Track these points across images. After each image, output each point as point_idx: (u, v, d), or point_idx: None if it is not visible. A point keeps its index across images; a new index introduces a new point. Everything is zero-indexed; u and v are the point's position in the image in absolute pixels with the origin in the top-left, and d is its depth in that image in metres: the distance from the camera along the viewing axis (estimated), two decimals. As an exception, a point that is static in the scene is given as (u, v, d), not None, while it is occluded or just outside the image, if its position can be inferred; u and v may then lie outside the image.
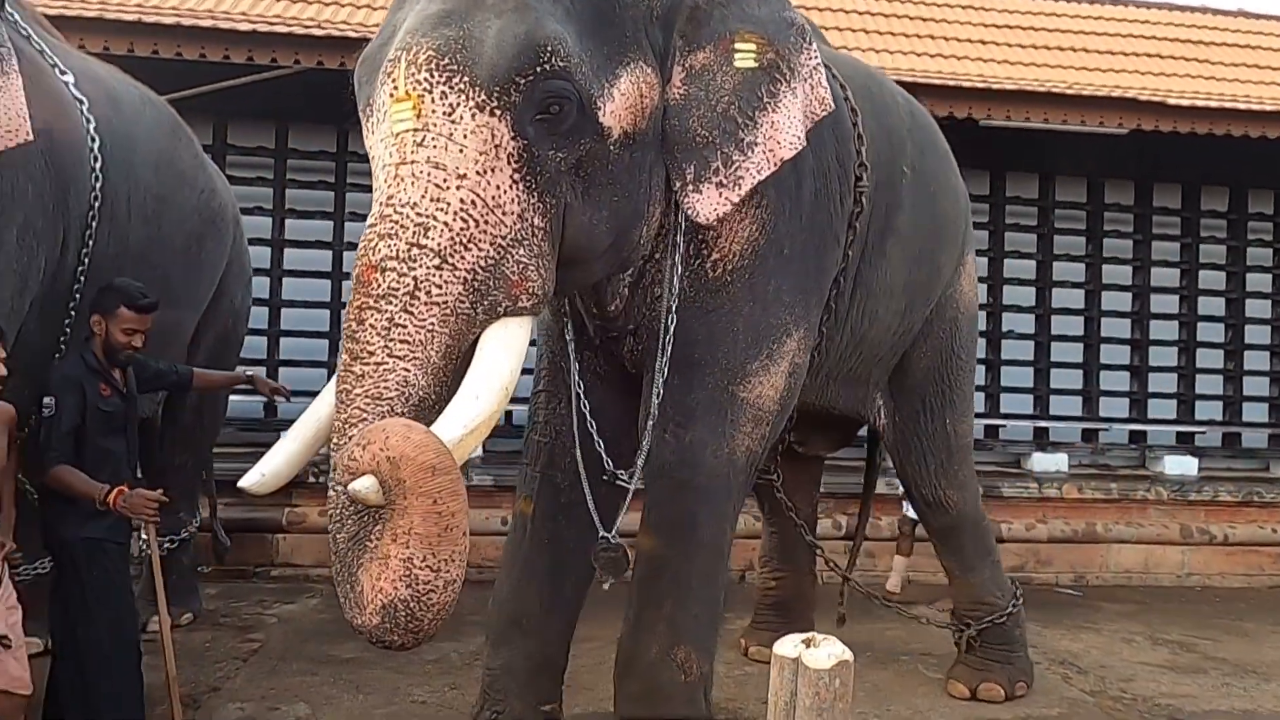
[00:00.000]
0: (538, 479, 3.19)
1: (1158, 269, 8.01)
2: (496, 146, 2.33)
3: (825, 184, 3.11)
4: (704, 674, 3.06)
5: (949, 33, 7.37)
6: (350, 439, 2.17)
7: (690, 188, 2.68)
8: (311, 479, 6.12)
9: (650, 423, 2.91)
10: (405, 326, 2.25)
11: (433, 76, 2.29)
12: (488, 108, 2.31)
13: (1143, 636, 5.62)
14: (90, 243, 3.36)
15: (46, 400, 3.08)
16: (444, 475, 2.07)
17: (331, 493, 2.24)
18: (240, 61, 5.69)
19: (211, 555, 5.53)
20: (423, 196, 2.28)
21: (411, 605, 2.10)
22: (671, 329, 2.87)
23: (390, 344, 2.24)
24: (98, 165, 3.36)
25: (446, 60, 2.29)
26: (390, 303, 2.24)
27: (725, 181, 2.68)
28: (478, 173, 2.31)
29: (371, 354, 2.24)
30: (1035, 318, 7.87)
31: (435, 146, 2.29)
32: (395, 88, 2.32)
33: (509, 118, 2.33)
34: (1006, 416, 7.73)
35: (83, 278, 3.36)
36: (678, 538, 2.98)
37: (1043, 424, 7.75)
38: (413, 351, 2.25)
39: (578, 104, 2.40)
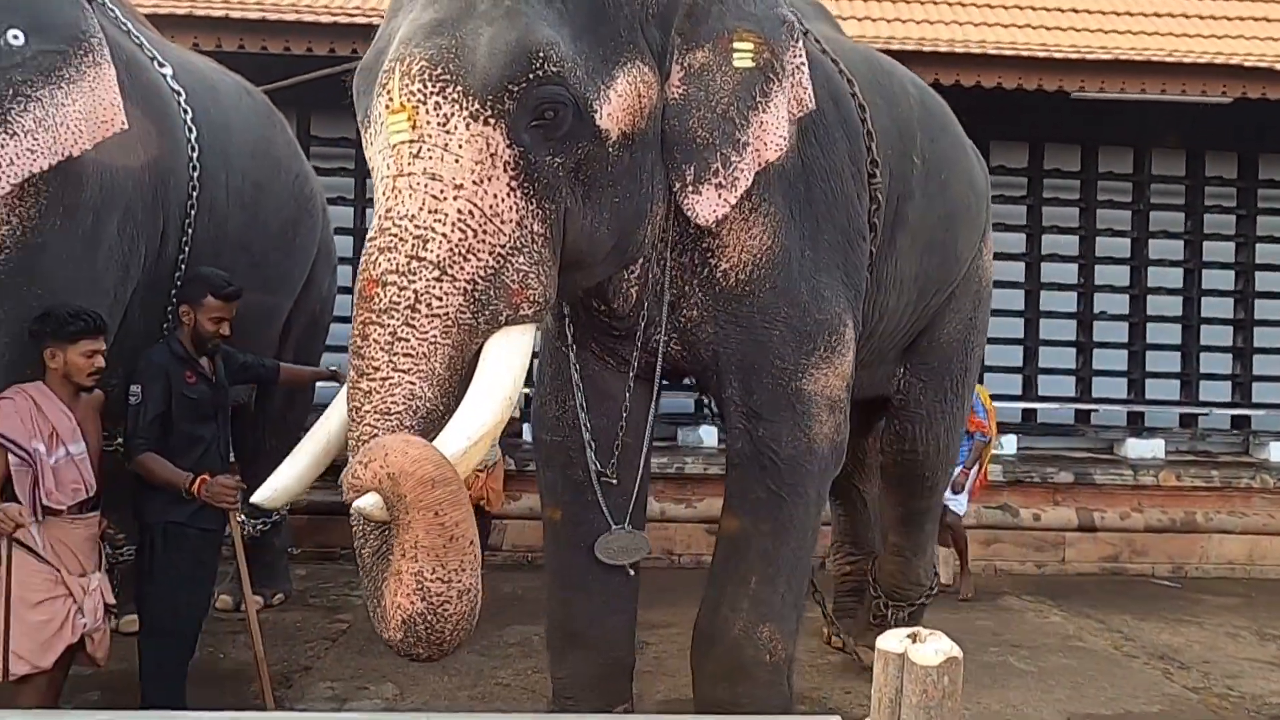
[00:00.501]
0: (559, 481, 3.17)
1: (1263, 245, 7.60)
2: (492, 155, 2.31)
3: (840, 184, 3.05)
4: (788, 656, 3.02)
5: (1038, 1, 7.09)
6: (354, 458, 2.18)
7: (690, 189, 2.64)
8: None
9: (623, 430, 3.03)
10: (408, 340, 2.25)
11: (426, 87, 2.28)
12: (481, 117, 2.29)
13: (1249, 631, 5.36)
14: (190, 231, 3.45)
15: (133, 388, 3.12)
16: (443, 487, 2.07)
17: (353, 510, 2.24)
18: (322, 54, 5.80)
19: (302, 538, 5.69)
20: (420, 208, 2.27)
21: (429, 618, 2.12)
22: (709, 339, 2.92)
23: (394, 358, 2.25)
24: (195, 155, 3.44)
25: (439, 70, 2.28)
26: (392, 317, 2.25)
27: (724, 183, 2.64)
28: (474, 182, 2.30)
29: (377, 369, 2.25)
30: (1130, 298, 7.56)
31: (431, 158, 2.28)
32: (390, 99, 2.31)
33: (504, 126, 2.31)
34: (1099, 401, 7.45)
35: (183, 266, 3.45)
36: (764, 517, 2.96)
37: (1138, 408, 7.45)
38: (417, 365, 2.26)
39: (573, 108, 2.37)
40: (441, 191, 2.28)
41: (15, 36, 2.59)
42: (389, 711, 3.60)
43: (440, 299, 2.27)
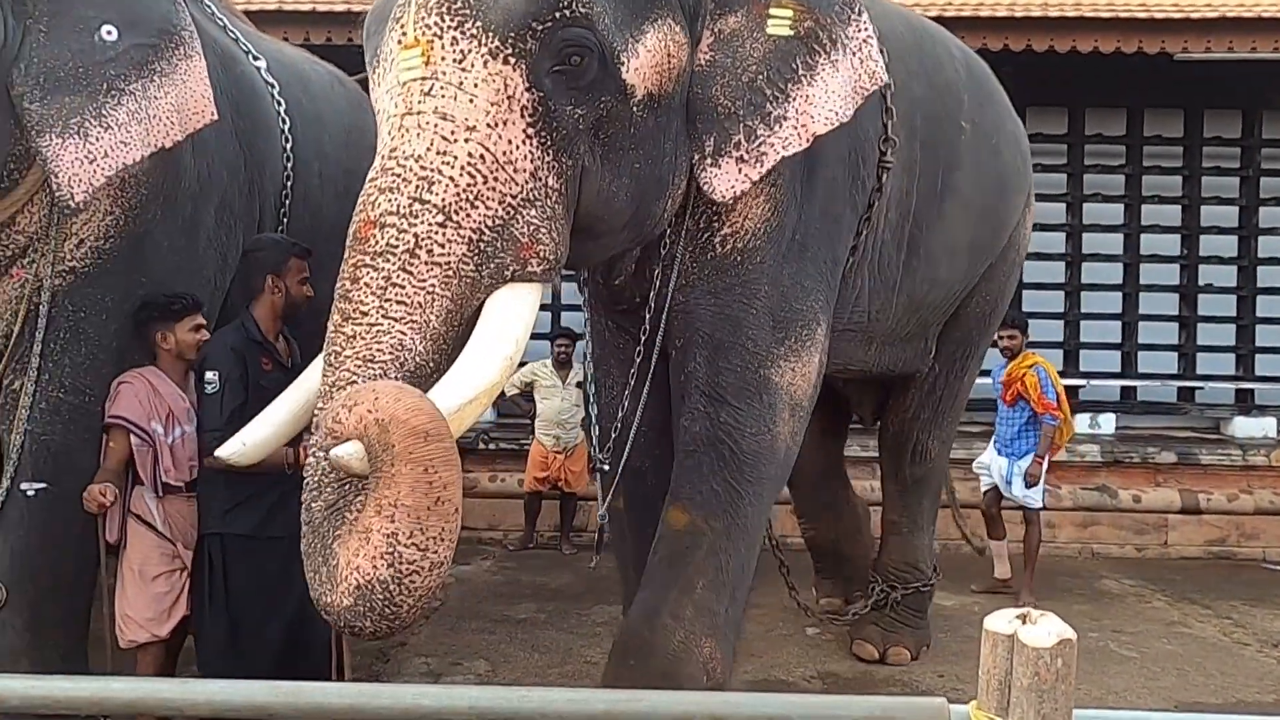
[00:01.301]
0: (619, 469, 3.00)
1: (1385, 211, 7.14)
2: (509, 98, 2.16)
3: (842, 170, 2.91)
4: (725, 682, 2.73)
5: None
6: (336, 401, 1.98)
7: (709, 161, 2.49)
8: (481, 446, 6.35)
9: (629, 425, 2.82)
10: (403, 286, 2.09)
11: (443, 21, 2.13)
12: (501, 55, 2.14)
13: (1371, 619, 5.07)
14: (285, 220, 3.54)
15: (209, 375, 2.87)
16: (437, 442, 1.87)
17: (310, 458, 2.09)
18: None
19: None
20: (428, 149, 2.12)
21: (391, 588, 1.88)
22: (680, 307, 2.71)
23: (385, 304, 2.08)
24: (289, 146, 3.53)
25: (458, 4, 2.13)
26: (387, 260, 2.09)
27: (746, 156, 2.49)
28: (488, 125, 2.14)
29: (365, 314, 2.09)
30: (1238, 269, 7.18)
31: (444, 96, 2.13)
32: (404, 33, 2.16)
33: (524, 67, 2.16)
34: (1204, 378, 7.11)
35: None
36: (718, 513, 2.72)
37: (1246, 386, 7.08)
38: (410, 314, 2.09)
39: (599, 56, 2.23)
40: (452, 132, 2.13)
41: (109, 32, 2.67)
42: (484, 685, 3.70)
43: (442, 246, 2.11)
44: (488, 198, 2.15)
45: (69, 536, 2.89)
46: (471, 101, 2.14)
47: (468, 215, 2.13)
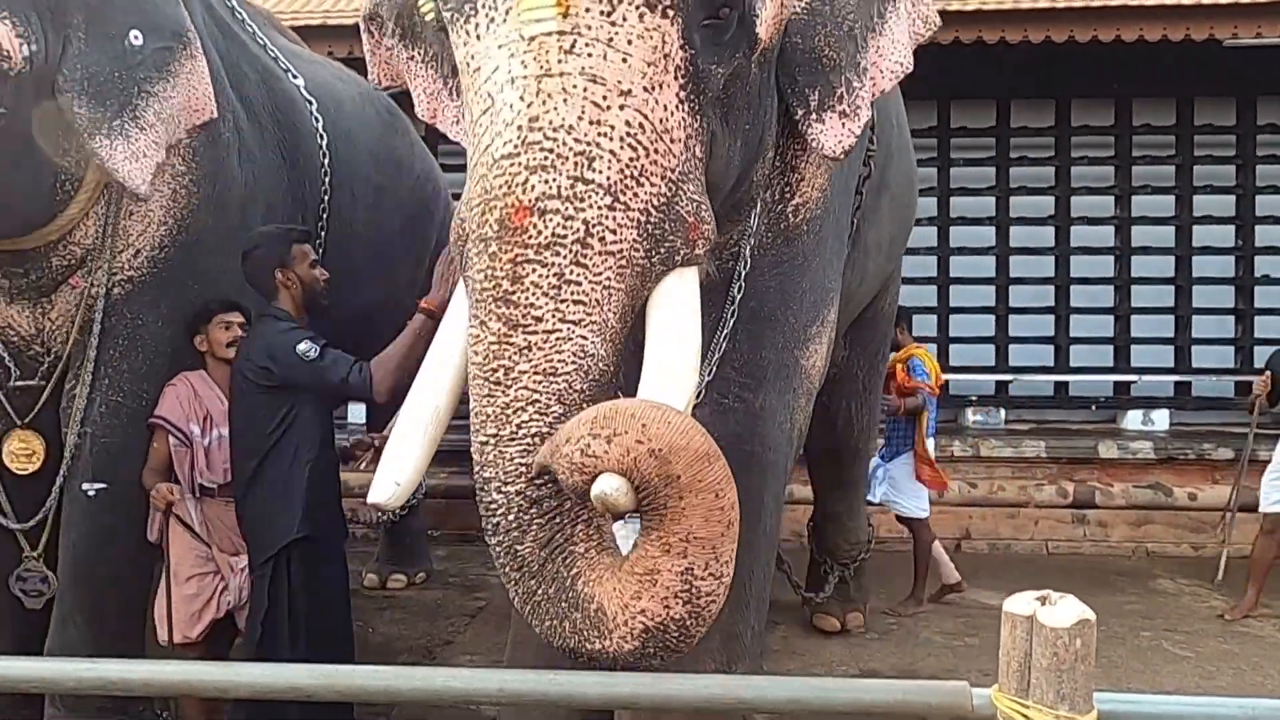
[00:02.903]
0: None
1: None
2: (665, 56, 1.89)
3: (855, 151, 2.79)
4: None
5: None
6: (581, 429, 1.69)
7: (814, 116, 2.30)
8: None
9: (706, 379, 2.48)
10: (579, 283, 1.81)
11: None
12: (658, 7, 1.87)
13: None
14: (323, 232, 3.65)
15: (303, 346, 2.80)
16: (719, 462, 1.70)
17: (497, 496, 1.84)
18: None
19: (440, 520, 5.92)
20: (580, 118, 1.82)
21: (687, 623, 1.73)
22: (743, 276, 2.51)
23: (561, 306, 1.80)
24: (326, 160, 3.64)
25: None
26: (558, 254, 1.81)
27: (848, 110, 2.33)
28: (645, 89, 1.87)
29: (539, 319, 1.81)
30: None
31: (591, 55, 1.84)
32: None
33: (680, 21, 1.90)
34: (1261, 372, 6.91)
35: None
36: (748, 525, 2.51)
37: (1309, 379, 6.87)
38: (589, 314, 1.82)
39: (740, 9, 2.02)
40: (605, 98, 1.84)
41: (136, 37, 2.78)
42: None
43: (614, 232, 1.84)
44: (651, 173, 1.88)
45: (128, 534, 3.01)
46: (625, 61, 1.86)
47: (634, 195, 1.86)
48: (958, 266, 7.13)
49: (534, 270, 1.81)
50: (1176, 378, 6.99)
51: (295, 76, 3.64)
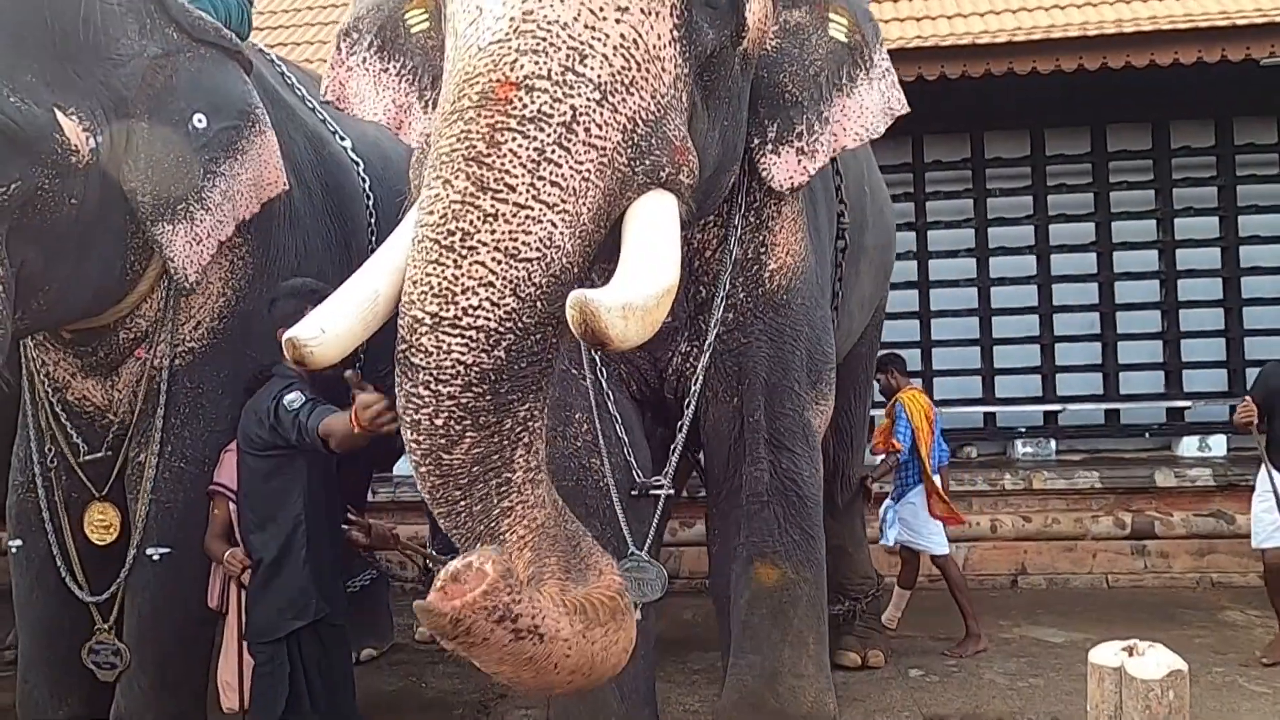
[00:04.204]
0: (568, 494, 2.82)
1: None
2: None
3: (827, 218, 3.03)
4: None
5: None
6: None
7: (769, 148, 2.43)
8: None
9: (683, 436, 2.68)
10: (559, 165, 1.72)
11: None
12: None
13: None
14: None
15: (290, 397, 2.74)
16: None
17: (424, 393, 1.72)
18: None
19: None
20: (575, 18, 1.80)
21: (547, 675, 1.86)
22: (736, 348, 2.70)
23: (538, 184, 1.70)
24: (373, 220, 3.71)
25: None
26: (541, 129, 1.71)
27: (806, 149, 2.45)
28: (641, 11, 1.87)
29: (512, 189, 1.69)
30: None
31: None
32: None
33: None
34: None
35: None
36: (805, 563, 2.73)
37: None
38: (563, 200, 1.72)
39: None
40: (602, 8, 1.83)
41: (200, 120, 2.86)
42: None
43: (600, 127, 1.78)
44: (641, 87, 1.85)
45: (191, 599, 3.05)
46: None
47: (624, 99, 1.82)
48: (999, 297, 7.06)
49: (514, 139, 1.71)
50: (1229, 402, 6.82)
51: (343, 138, 3.73)
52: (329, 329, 1.85)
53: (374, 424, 2.42)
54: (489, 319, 1.67)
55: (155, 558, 3.01)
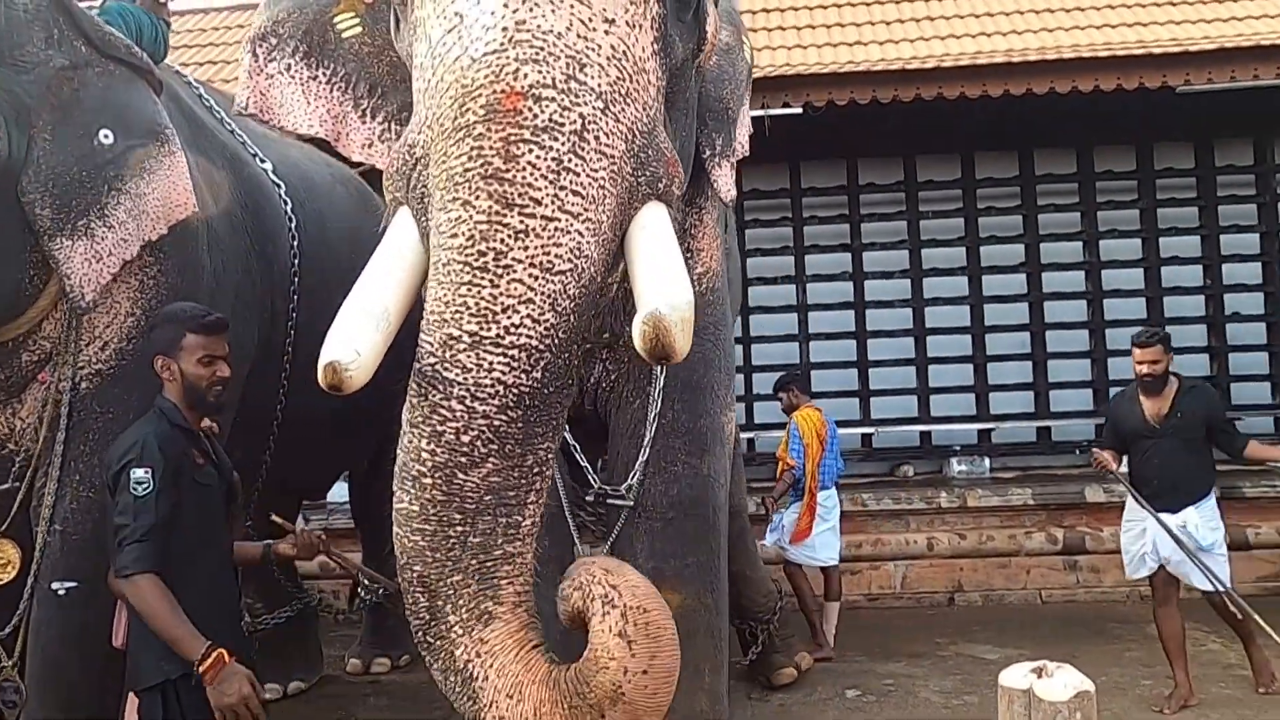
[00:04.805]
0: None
1: None
2: (645, 1, 1.89)
3: (729, 242, 3.17)
4: None
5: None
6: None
7: (716, 161, 2.53)
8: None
9: (646, 449, 2.54)
10: (577, 174, 1.69)
11: None
12: None
13: None
14: (294, 314, 3.62)
15: (140, 473, 2.33)
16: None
17: (457, 407, 1.67)
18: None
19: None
20: (568, 28, 1.76)
21: None
22: None
23: (561, 194, 1.66)
24: (295, 243, 3.63)
25: None
26: (555, 139, 1.67)
27: (732, 162, 2.60)
28: (627, 23, 1.84)
29: (538, 202, 1.65)
30: (1265, 296, 7.08)
31: None
32: None
33: None
34: (1239, 408, 6.97)
35: (290, 348, 3.62)
36: (708, 588, 2.65)
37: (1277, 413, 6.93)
38: (586, 209, 1.69)
39: None
40: (591, 19, 1.79)
41: (106, 135, 2.79)
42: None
43: (608, 135, 1.74)
44: (635, 98, 1.83)
45: (100, 634, 2.90)
46: None
47: (623, 109, 1.79)
48: (933, 318, 7.18)
49: (531, 150, 1.66)
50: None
51: (263, 160, 3.65)
52: (363, 350, 1.77)
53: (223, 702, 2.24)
54: (530, 336, 1.64)
55: (61, 592, 2.87)
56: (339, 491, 5.93)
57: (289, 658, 4.67)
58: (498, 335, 1.63)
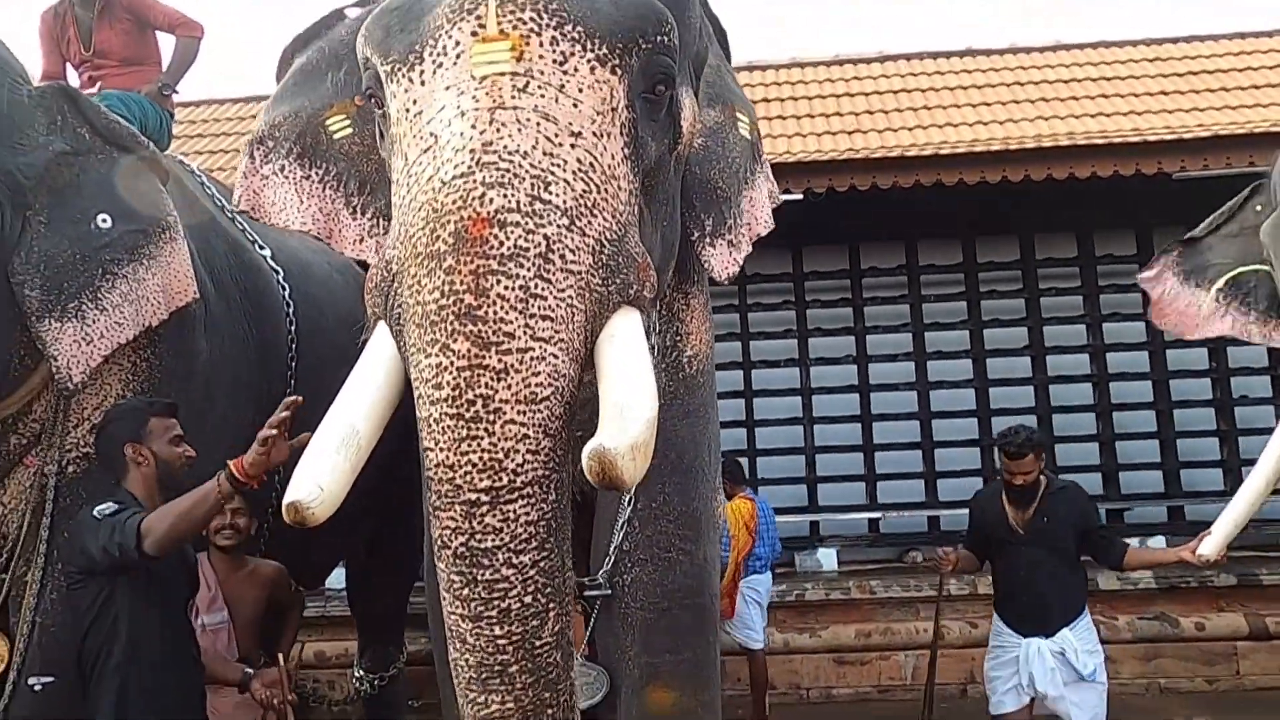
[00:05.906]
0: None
1: None
2: (613, 110, 1.93)
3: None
4: None
5: (1128, 89, 6.98)
6: None
7: (708, 240, 2.53)
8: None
9: (619, 534, 2.54)
10: (544, 298, 1.72)
11: (540, 18, 1.88)
12: (609, 64, 1.92)
13: None
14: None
15: (101, 506, 2.53)
16: None
17: (507, 572, 1.70)
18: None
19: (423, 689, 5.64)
20: (534, 147, 1.80)
21: None
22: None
23: (531, 322, 1.70)
24: (293, 329, 3.63)
25: (554, 4, 1.90)
26: (521, 265, 1.71)
27: (734, 241, 2.58)
28: (594, 134, 1.89)
29: (511, 336, 1.68)
30: (1272, 378, 7.04)
31: (545, 96, 1.86)
32: (482, 25, 1.87)
33: (626, 82, 1.95)
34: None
35: (287, 433, 3.57)
36: (705, 686, 2.58)
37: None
38: (557, 332, 1.73)
39: (671, 95, 2.09)
40: (557, 135, 1.84)
41: (104, 220, 2.80)
42: None
43: (574, 253, 1.78)
44: (603, 209, 1.87)
45: (75, 732, 2.80)
46: (576, 106, 1.89)
47: (589, 223, 1.83)
48: (938, 400, 7.17)
49: (499, 282, 1.70)
50: (1168, 503, 6.91)
51: (262, 247, 3.67)
52: (326, 485, 1.79)
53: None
54: (534, 468, 1.68)
55: (37, 688, 2.77)
56: (336, 577, 5.83)
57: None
58: (509, 483, 1.67)
